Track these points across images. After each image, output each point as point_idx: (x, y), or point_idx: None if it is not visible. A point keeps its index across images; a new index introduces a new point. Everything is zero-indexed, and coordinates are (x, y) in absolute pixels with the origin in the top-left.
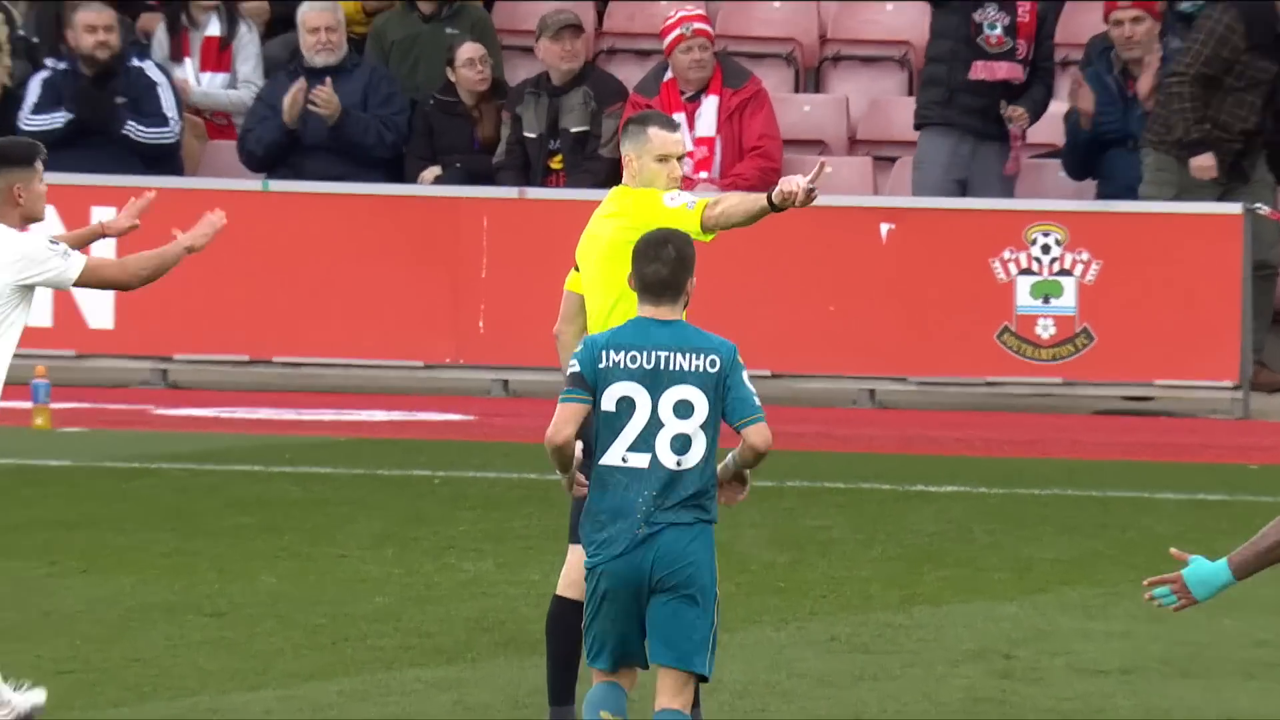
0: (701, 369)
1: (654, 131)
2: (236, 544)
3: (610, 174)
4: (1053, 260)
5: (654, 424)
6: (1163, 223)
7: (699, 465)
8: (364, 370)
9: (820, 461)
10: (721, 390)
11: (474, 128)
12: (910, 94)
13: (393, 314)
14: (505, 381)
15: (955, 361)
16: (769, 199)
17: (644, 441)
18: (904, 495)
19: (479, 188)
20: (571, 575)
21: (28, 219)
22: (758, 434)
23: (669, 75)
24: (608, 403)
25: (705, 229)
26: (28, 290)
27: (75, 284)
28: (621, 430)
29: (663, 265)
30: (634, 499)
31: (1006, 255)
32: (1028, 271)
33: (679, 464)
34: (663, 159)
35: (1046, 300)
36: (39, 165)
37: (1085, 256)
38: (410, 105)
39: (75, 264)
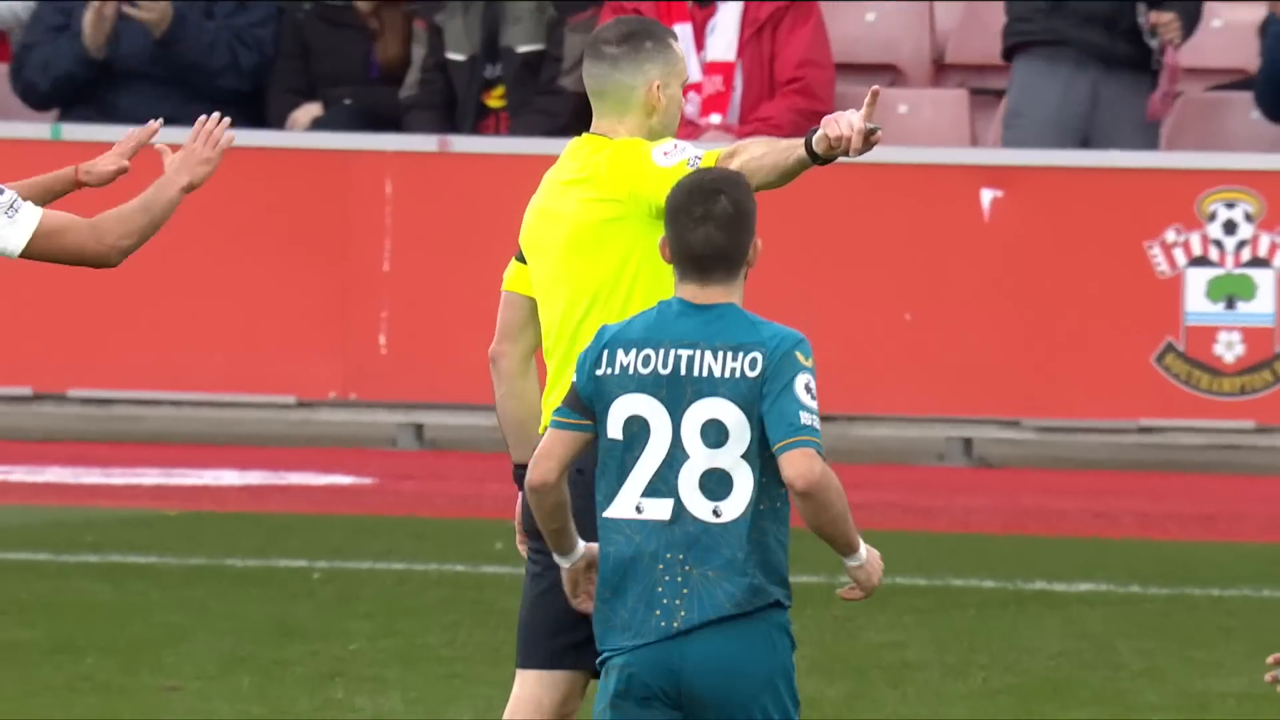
0: (738, 374)
1: (679, 48)
2: (13, 670)
3: (577, 116)
4: (1241, 244)
5: (676, 455)
6: None
7: (745, 515)
8: (207, 410)
9: (892, 545)
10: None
11: (372, 46)
12: None
13: (252, 327)
14: (418, 426)
15: (1094, 396)
16: (808, 146)
17: (663, 481)
18: (1016, 597)
19: (380, 135)
20: (519, 714)
21: None
22: (791, 465)
23: None
24: (613, 426)
25: None
26: None
27: (24, 254)
28: (633, 466)
29: (715, 227)
30: (653, 565)
31: (1171, 237)
32: (1203, 261)
33: (716, 513)
34: (684, 87)
35: (1232, 304)
36: None
37: None
38: (277, 12)
39: (25, 222)
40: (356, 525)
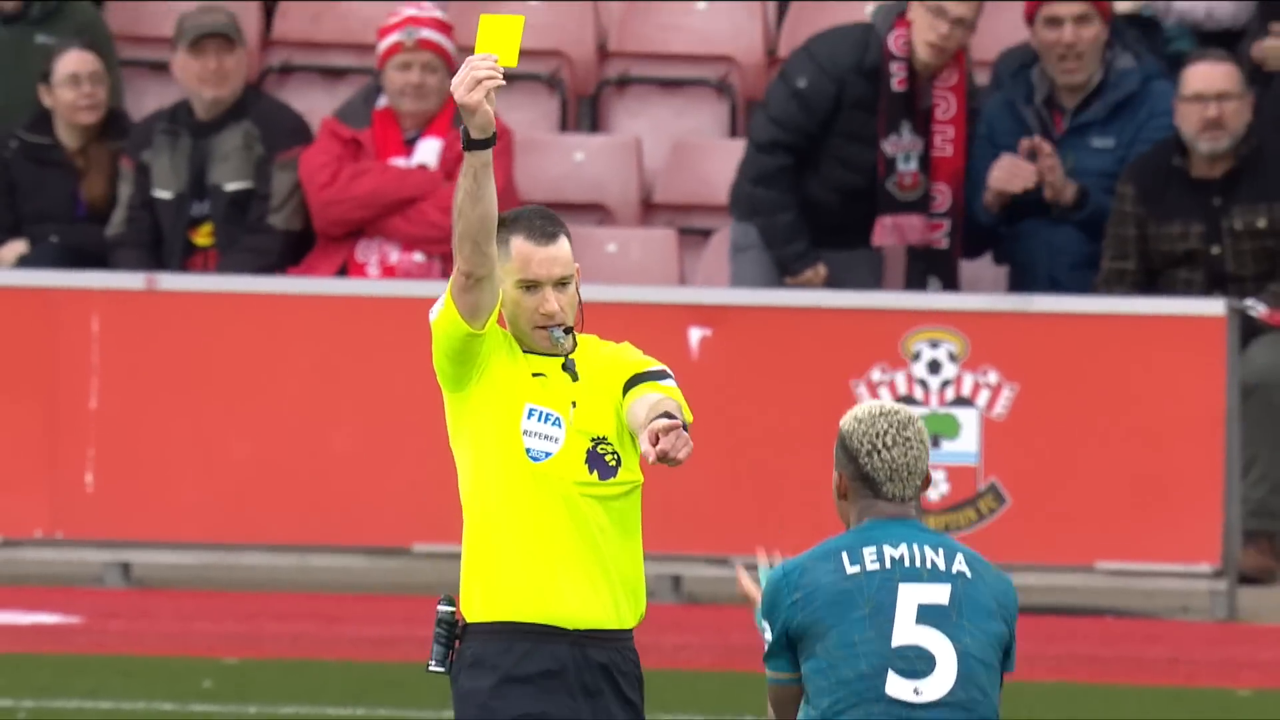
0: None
1: (519, 242)
2: None
3: (285, 254)
4: (945, 384)
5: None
6: (1108, 329)
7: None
8: None
9: None
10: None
11: (78, 182)
12: (734, 133)
13: None
14: (125, 565)
15: (803, 534)
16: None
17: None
18: None
19: (85, 273)
20: None
21: None
22: None
23: (384, 100)
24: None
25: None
26: None
27: None
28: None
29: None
30: None
31: (876, 376)
32: (908, 400)
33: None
34: (529, 286)
35: (936, 443)
36: None
37: (993, 379)
38: None
39: None
40: (63, 664)
